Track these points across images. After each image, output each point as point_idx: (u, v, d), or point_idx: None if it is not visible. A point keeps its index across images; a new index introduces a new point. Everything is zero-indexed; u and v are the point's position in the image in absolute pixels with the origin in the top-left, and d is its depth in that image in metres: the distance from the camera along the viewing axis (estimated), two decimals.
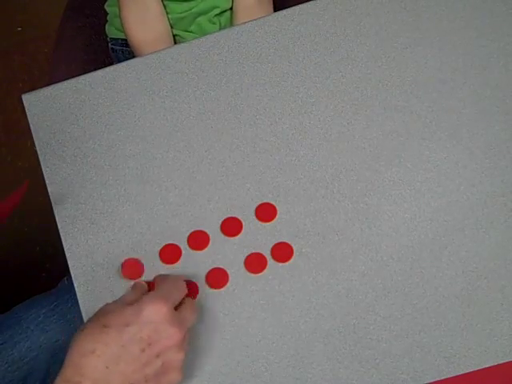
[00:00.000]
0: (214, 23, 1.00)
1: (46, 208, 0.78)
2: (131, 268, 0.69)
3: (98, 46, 1.09)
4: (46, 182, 0.73)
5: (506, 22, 0.77)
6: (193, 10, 0.98)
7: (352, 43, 0.77)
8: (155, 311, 0.57)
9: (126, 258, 0.69)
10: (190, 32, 1.01)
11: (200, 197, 0.71)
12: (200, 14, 0.99)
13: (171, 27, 0.99)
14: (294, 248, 0.69)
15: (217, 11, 0.99)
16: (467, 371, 0.64)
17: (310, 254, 0.69)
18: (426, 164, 0.71)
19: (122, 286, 0.68)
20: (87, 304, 0.68)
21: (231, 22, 1.00)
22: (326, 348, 0.65)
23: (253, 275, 0.68)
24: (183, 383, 0.64)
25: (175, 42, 1.01)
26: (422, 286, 0.67)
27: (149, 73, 0.77)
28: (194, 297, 0.67)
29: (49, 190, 0.73)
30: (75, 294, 0.69)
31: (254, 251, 0.69)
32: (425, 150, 0.72)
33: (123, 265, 0.69)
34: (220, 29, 1.01)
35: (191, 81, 0.76)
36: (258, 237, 0.69)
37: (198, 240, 0.70)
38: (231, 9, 1.00)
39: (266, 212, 0.70)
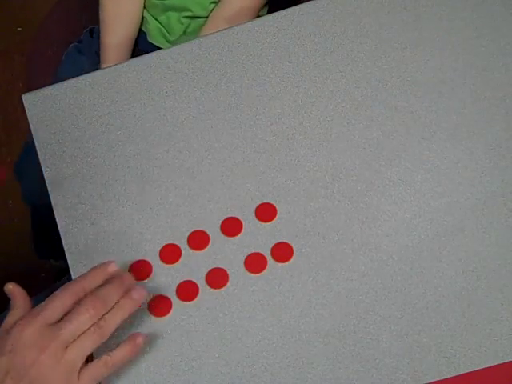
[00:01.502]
0: (181, 23, 1.00)
1: None
2: (140, 269, 0.68)
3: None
4: (46, 181, 0.73)
5: (506, 21, 0.77)
6: (165, 2, 0.99)
7: (352, 43, 0.77)
8: (18, 336, 0.54)
9: (135, 259, 0.69)
10: (158, 21, 1.01)
11: (200, 197, 0.71)
12: (171, 8, 0.99)
13: (144, 8, 1.01)
14: (294, 248, 0.69)
15: (188, 14, 0.99)
16: (467, 371, 0.64)
17: (310, 254, 0.68)
18: (425, 164, 0.71)
19: None
20: None
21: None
22: (326, 348, 0.65)
23: (253, 275, 0.68)
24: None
25: (141, 25, 1.03)
26: (421, 286, 0.67)
27: (149, 73, 0.77)
28: (193, 297, 0.67)
29: (49, 190, 0.73)
30: None
31: (254, 251, 0.69)
32: (425, 150, 0.72)
33: (132, 266, 0.68)
34: (185, 31, 1.02)
35: (191, 81, 0.76)
36: (258, 237, 0.69)
37: (198, 240, 0.70)
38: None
39: (266, 212, 0.70)
